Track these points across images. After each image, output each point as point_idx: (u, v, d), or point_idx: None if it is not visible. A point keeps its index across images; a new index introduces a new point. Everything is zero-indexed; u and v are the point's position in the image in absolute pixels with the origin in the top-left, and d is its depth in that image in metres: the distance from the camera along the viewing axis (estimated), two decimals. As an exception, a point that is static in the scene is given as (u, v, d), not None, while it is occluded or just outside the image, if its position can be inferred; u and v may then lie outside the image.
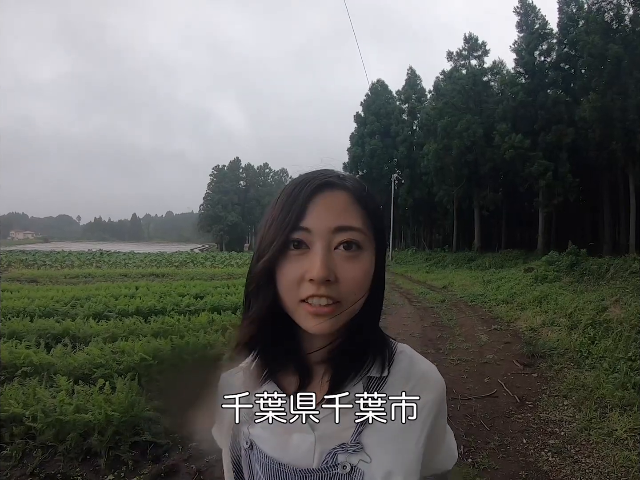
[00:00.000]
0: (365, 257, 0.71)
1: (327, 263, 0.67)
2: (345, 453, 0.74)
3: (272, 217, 0.72)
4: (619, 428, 4.33)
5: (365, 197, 0.74)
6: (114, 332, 6.64)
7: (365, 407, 0.75)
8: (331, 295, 0.68)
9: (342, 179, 0.74)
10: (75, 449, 3.66)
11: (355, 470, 0.73)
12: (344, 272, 0.69)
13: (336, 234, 0.69)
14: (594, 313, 8.38)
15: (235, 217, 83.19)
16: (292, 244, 0.69)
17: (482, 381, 6.03)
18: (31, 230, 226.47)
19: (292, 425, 0.77)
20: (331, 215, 0.69)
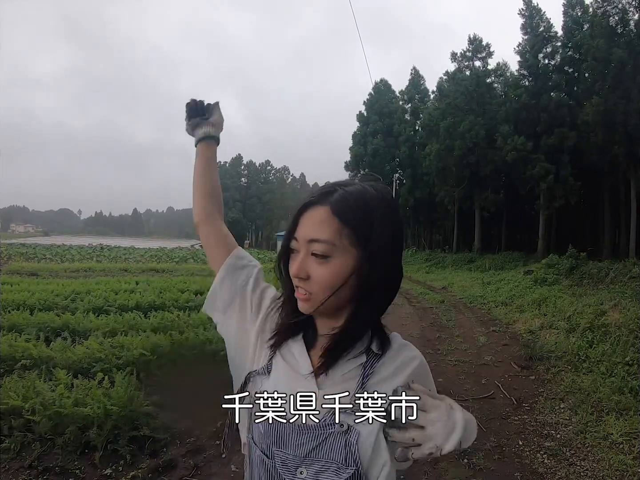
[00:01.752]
0: (336, 263, 0.86)
1: (302, 265, 0.87)
2: (344, 413, 0.83)
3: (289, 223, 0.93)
4: (615, 432, 4.35)
5: (345, 211, 0.86)
6: (114, 327, 6.65)
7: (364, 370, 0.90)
8: (305, 288, 0.88)
9: (328, 194, 0.88)
10: (74, 442, 3.67)
11: (351, 430, 0.83)
12: (314, 273, 0.87)
13: (311, 243, 0.86)
14: (592, 317, 8.39)
15: (236, 214, 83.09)
16: (291, 250, 0.91)
17: (480, 382, 6.05)
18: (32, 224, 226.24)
19: (300, 380, 0.91)
20: (308, 229, 0.87)
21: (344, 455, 0.82)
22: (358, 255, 0.86)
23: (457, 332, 9.15)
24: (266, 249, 73.41)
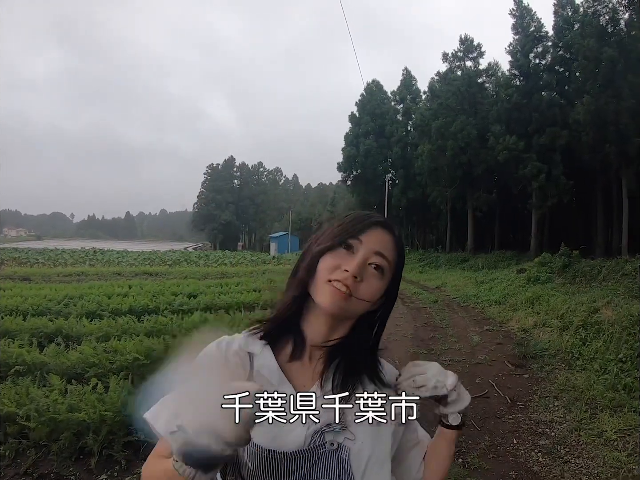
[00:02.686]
0: (383, 280, 0.92)
1: (361, 267, 0.87)
2: (331, 432, 0.84)
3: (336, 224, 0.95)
4: (609, 429, 4.38)
5: (399, 238, 0.97)
6: (107, 331, 6.62)
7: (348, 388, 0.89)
8: (350, 287, 0.86)
9: (392, 224, 0.97)
10: (69, 448, 3.66)
11: (341, 447, 0.84)
12: (366, 280, 0.88)
13: (375, 255, 0.90)
14: (585, 315, 8.43)
15: (229, 216, 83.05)
16: (344, 245, 0.90)
17: (474, 382, 6.07)
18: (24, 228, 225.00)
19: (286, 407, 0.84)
20: (377, 242, 0.91)
21: (338, 472, 0.83)
22: (392, 282, 0.95)
23: (450, 332, 9.17)
24: (259, 250, 73.25)
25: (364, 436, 0.85)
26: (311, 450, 0.83)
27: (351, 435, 0.84)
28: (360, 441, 0.84)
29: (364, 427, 0.85)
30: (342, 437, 0.84)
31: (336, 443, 0.83)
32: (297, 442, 0.83)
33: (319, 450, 0.82)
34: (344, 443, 0.83)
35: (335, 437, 0.83)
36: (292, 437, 0.83)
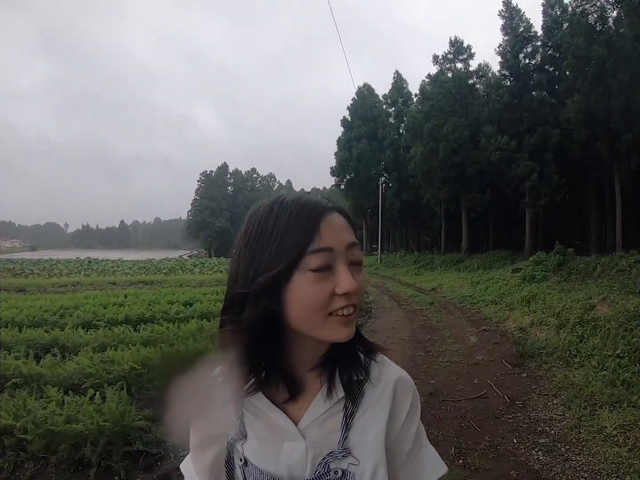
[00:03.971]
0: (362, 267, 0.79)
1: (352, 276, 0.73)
2: (335, 460, 0.78)
3: (277, 240, 0.73)
4: (609, 425, 4.37)
5: (350, 220, 0.81)
6: (103, 342, 6.60)
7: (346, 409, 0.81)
8: (355, 303, 0.75)
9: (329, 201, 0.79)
10: (67, 459, 3.63)
11: (346, 474, 0.78)
12: (359, 282, 0.75)
13: (349, 249, 0.75)
14: (582, 312, 8.45)
15: (224, 223, 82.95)
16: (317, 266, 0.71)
17: (472, 382, 6.06)
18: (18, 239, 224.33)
19: (283, 435, 0.81)
20: (343, 233, 0.76)
21: None
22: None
23: (447, 333, 9.17)
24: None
25: (367, 458, 0.79)
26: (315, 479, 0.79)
27: (355, 460, 0.79)
28: (364, 465, 0.79)
29: (366, 449, 0.80)
30: (346, 464, 0.79)
31: (340, 471, 0.78)
32: (299, 467, 0.79)
33: (324, 478, 0.78)
34: (348, 469, 0.78)
35: (339, 464, 0.79)
36: (293, 461, 0.80)
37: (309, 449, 0.79)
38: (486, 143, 26.30)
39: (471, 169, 28.49)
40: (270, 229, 0.74)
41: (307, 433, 0.81)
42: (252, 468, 0.82)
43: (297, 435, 0.80)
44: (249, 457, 0.83)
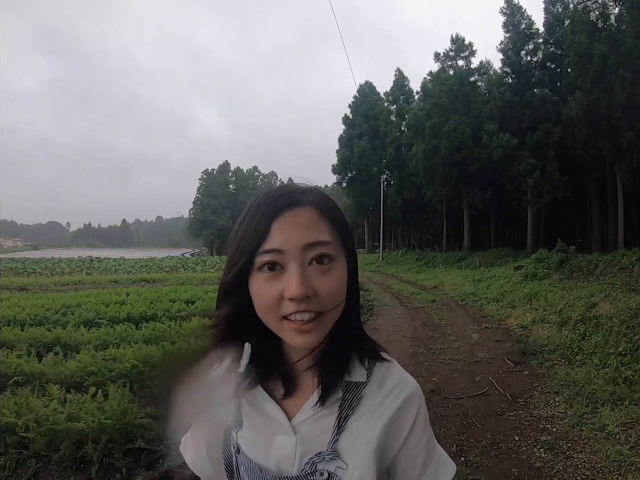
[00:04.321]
0: (339, 266, 0.74)
1: (304, 280, 0.69)
2: (322, 461, 0.77)
3: (239, 237, 0.75)
4: (611, 423, 4.37)
5: (331, 210, 0.76)
6: (105, 340, 6.60)
7: (341, 411, 0.80)
8: (312, 309, 0.70)
9: (305, 194, 0.76)
10: (69, 457, 3.64)
11: (332, 476, 0.77)
12: (321, 286, 0.71)
13: (307, 250, 0.71)
14: (583, 309, 8.45)
15: (225, 221, 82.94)
16: (266, 266, 0.71)
17: (474, 380, 6.06)
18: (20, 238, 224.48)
19: (276, 428, 0.81)
20: (299, 232, 0.71)
21: None
22: (346, 255, 0.77)
23: (449, 331, 9.17)
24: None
25: (356, 464, 0.77)
26: (301, 478, 0.78)
27: (343, 464, 0.77)
28: (351, 470, 0.77)
29: (356, 455, 0.78)
30: (334, 466, 0.77)
31: (327, 472, 0.77)
32: (287, 462, 0.79)
33: (310, 478, 0.77)
34: (335, 472, 0.77)
35: (326, 466, 0.77)
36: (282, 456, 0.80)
37: (299, 446, 0.79)
38: (488, 140, 26.27)
39: (473, 167, 28.45)
40: (237, 228, 0.77)
41: (300, 430, 0.80)
42: (244, 457, 0.83)
43: (289, 430, 0.80)
44: (241, 446, 0.84)
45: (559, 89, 25.83)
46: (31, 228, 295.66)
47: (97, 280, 21.13)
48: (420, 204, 38.28)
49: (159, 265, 36.25)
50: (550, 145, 24.36)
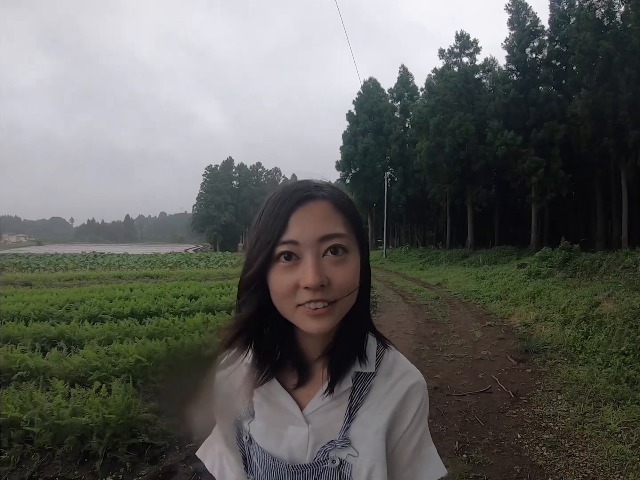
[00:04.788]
0: (352, 258, 0.76)
1: (319, 270, 0.71)
2: (334, 449, 0.80)
3: (257, 232, 0.77)
4: (613, 422, 4.37)
5: (345, 204, 0.79)
6: (109, 335, 6.63)
7: (352, 400, 0.83)
8: (326, 298, 0.72)
9: (321, 188, 0.78)
10: (73, 452, 3.66)
11: (344, 463, 0.79)
12: (335, 276, 0.73)
13: (323, 242, 0.73)
14: (587, 308, 8.44)
15: (229, 217, 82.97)
16: (283, 256, 0.73)
17: (477, 377, 6.06)
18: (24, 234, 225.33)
19: (288, 418, 0.84)
20: (315, 225, 0.73)
21: None
22: (359, 248, 0.79)
23: (452, 328, 9.16)
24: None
25: (366, 452, 0.80)
26: (313, 466, 0.81)
27: (354, 452, 0.80)
28: (362, 458, 0.79)
29: (366, 443, 0.80)
30: (345, 454, 0.80)
31: (338, 460, 0.79)
32: (300, 452, 0.82)
33: (322, 465, 0.80)
34: (346, 459, 0.80)
35: (338, 453, 0.80)
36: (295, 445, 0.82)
37: (311, 435, 0.82)
38: (492, 138, 26.22)
39: (477, 164, 28.39)
40: (256, 222, 0.79)
41: (312, 419, 0.83)
42: (256, 447, 0.86)
43: (301, 420, 0.83)
44: (254, 436, 0.86)
45: (564, 87, 25.76)
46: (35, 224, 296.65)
47: (100, 276, 21.18)
48: (424, 201, 38.21)
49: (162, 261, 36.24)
50: (555, 143, 24.30)
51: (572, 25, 24.45)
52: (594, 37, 20.82)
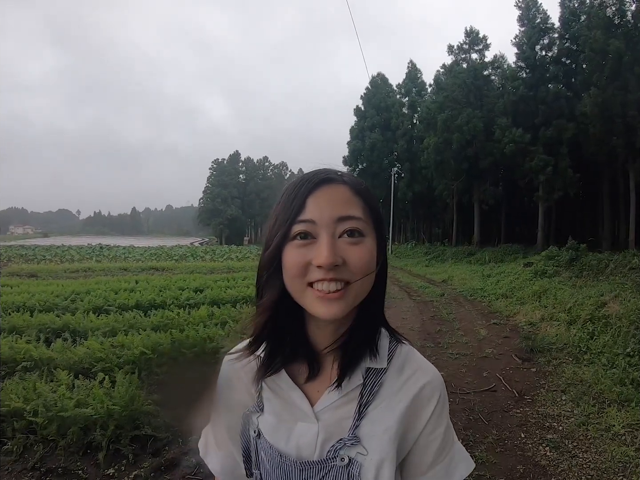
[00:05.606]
0: (368, 242, 0.75)
1: (333, 249, 0.71)
2: (344, 447, 0.78)
3: (276, 213, 0.77)
4: (617, 423, 4.36)
5: (364, 191, 0.79)
6: (114, 326, 6.65)
7: (362, 397, 0.81)
8: (341, 278, 0.72)
9: (341, 175, 0.79)
10: (76, 443, 3.67)
11: (352, 462, 0.77)
12: (350, 255, 0.73)
13: (339, 223, 0.73)
14: (593, 308, 8.40)
15: (235, 211, 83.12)
16: (299, 236, 0.73)
17: (481, 375, 6.05)
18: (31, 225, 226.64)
19: (298, 414, 0.83)
20: (333, 206, 0.74)
21: None
22: (376, 234, 0.79)
23: (457, 325, 9.15)
24: (265, 245, 73.31)
25: (375, 450, 0.78)
26: (322, 463, 0.79)
27: (364, 450, 0.78)
28: (371, 456, 0.77)
29: (375, 441, 0.78)
30: (354, 452, 0.78)
31: (347, 457, 0.77)
32: (309, 448, 0.80)
33: (330, 463, 0.78)
34: (355, 458, 0.77)
35: (347, 451, 0.78)
36: (303, 442, 0.81)
37: (321, 432, 0.80)
38: (500, 135, 26.11)
39: (485, 161, 28.30)
40: (276, 205, 0.79)
41: (321, 416, 0.81)
42: (264, 441, 0.84)
43: (311, 416, 0.81)
44: (262, 431, 0.85)
45: (574, 85, 25.61)
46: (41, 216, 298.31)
47: (106, 268, 21.24)
48: (431, 198, 38.16)
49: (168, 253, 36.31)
50: (564, 142, 24.18)
51: (583, 23, 24.27)
52: (605, 36, 20.67)
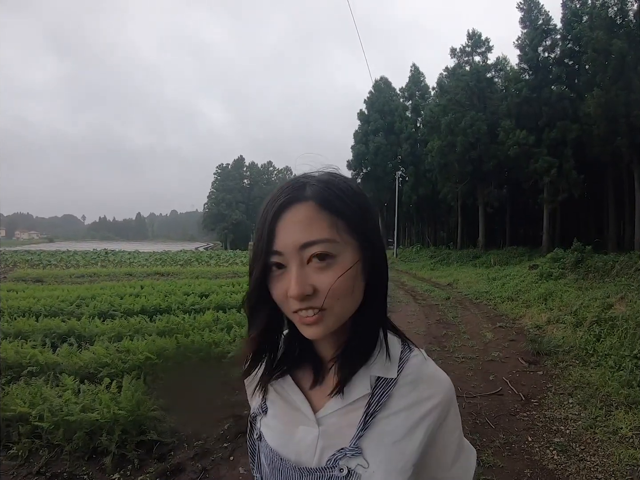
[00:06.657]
0: (342, 261, 0.71)
1: (301, 280, 0.69)
2: (344, 457, 0.75)
3: (255, 242, 0.76)
4: (625, 426, 4.33)
5: (331, 200, 0.72)
6: (120, 331, 6.67)
7: (369, 407, 0.77)
8: (314, 306, 0.71)
9: (304, 188, 0.74)
10: (82, 448, 3.68)
11: (352, 473, 0.74)
12: (320, 282, 0.70)
13: (304, 250, 0.70)
14: (599, 310, 8.36)
15: (240, 215, 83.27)
16: (275, 266, 0.72)
17: (487, 379, 6.03)
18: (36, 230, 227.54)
19: (300, 418, 0.82)
20: (295, 232, 0.70)
21: None
22: (359, 245, 0.74)
23: (463, 329, 9.13)
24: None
25: (378, 464, 0.75)
26: (320, 471, 0.76)
27: (365, 462, 0.74)
28: (372, 469, 0.74)
29: (379, 454, 0.75)
30: (355, 463, 0.75)
31: (346, 468, 0.74)
32: (308, 454, 0.79)
33: (329, 472, 0.76)
34: (355, 470, 0.74)
35: (348, 462, 0.75)
36: (303, 446, 0.79)
37: (321, 438, 0.78)
38: (504, 137, 26.04)
39: (489, 164, 28.23)
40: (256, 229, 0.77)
41: (324, 422, 0.80)
42: (265, 444, 0.85)
43: (313, 421, 0.80)
44: (264, 433, 0.86)
45: (577, 86, 25.51)
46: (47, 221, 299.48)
47: (111, 273, 21.27)
48: (435, 201, 38.08)
49: (173, 258, 36.37)
50: (568, 143, 24.07)
51: (585, 23, 24.18)
52: (607, 36, 20.61)
